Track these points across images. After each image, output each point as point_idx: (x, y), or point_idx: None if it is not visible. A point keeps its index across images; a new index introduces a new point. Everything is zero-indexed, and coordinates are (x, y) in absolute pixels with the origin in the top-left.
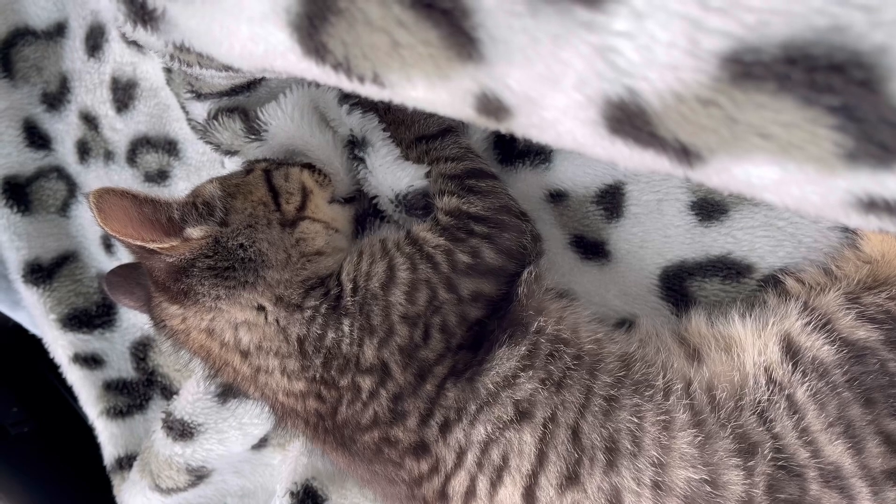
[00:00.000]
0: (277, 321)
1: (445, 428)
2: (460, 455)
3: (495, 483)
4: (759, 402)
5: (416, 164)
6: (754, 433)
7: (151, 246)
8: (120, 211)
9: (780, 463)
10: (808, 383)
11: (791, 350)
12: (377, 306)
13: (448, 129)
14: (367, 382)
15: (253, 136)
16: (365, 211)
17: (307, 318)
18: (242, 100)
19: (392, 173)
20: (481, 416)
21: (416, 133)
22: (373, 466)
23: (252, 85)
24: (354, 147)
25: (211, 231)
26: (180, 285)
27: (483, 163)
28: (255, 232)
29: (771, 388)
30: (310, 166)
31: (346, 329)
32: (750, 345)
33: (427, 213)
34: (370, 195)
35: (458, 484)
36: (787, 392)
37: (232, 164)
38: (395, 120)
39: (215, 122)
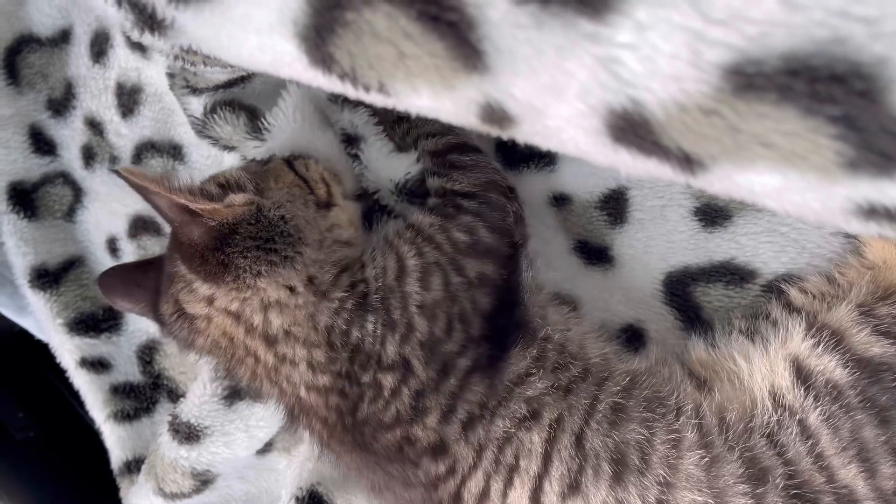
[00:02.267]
0: (307, 305)
1: (469, 425)
2: (479, 453)
3: (507, 485)
4: (769, 425)
5: (407, 152)
6: (764, 457)
7: (195, 206)
8: (153, 181)
9: (793, 491)
10: (821, 407)
11: (802, 374)
12: (395, 299)
13: None
14: (388, 380)
15: (255, 135)
16: (370, 208)
17: (335, 309)
18: (237, 91)
19: (388, 164)
20: (500, 411)
21: (397, 112)
22: (391, 468)
23: (247, 77)
24: (349, 144)
25: (253, 199)
26: (220, 256)
27: (467, 136)
28: (294, 207)
29: (780, 413)
30: None
31: (370, 327)
32: (756, 370)
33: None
34: (371, 190)
35: (475, 486)
36: (798, 417)
37: (231, 159)
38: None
39: (215, 117)
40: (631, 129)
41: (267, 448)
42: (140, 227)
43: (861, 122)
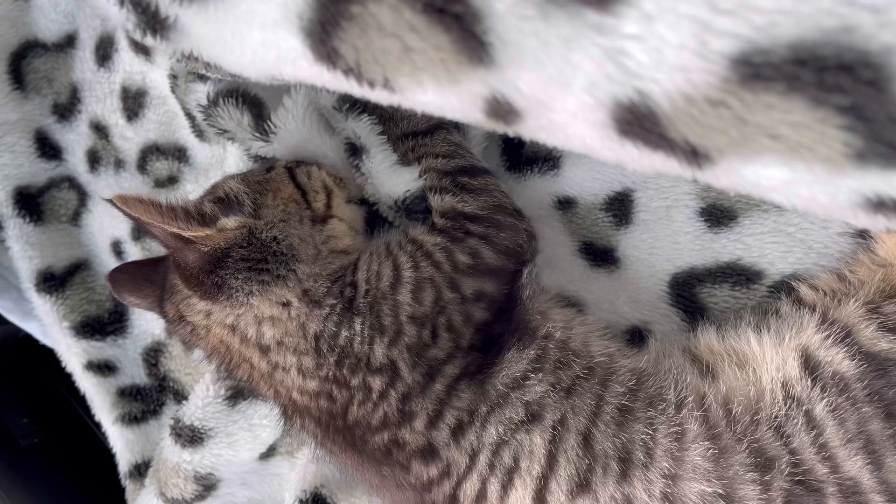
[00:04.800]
0: (299, 317)
1: (458, 431)
2: (473, 457)
3: (506, 486)
4: (776, 416)
5: (409, 166)
6: (771, 448)
7: (187, 234)
8: (146, 208)
9: (797, 478)
10: (827, 398)
11: (810, 365)
12: (386, 306)
13: (438, 126)
14: (377, 382)
15: (258, 135)
16: (373, 214)
17: (324, 316)
18: (241, 81)
19: (389, 180)
20: (492, 418)
21: (405, 129)
22: (382, 469)
23: None
24: (352, 154)
25: (245, 222)
26: (214, 278)
27: (475, 159)
28: (288, 226)
29: (788, 404)
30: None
31: (358, 328)
32: (768, 360)
33: (428, 214)
34: (371, 201)
35: (470, 488)
36: (805, 407)
37: (233, 160)
38: (383, 115)
39: (218, 109)
40: (637, 121)
41: (270, 452)
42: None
43: (869, 113)
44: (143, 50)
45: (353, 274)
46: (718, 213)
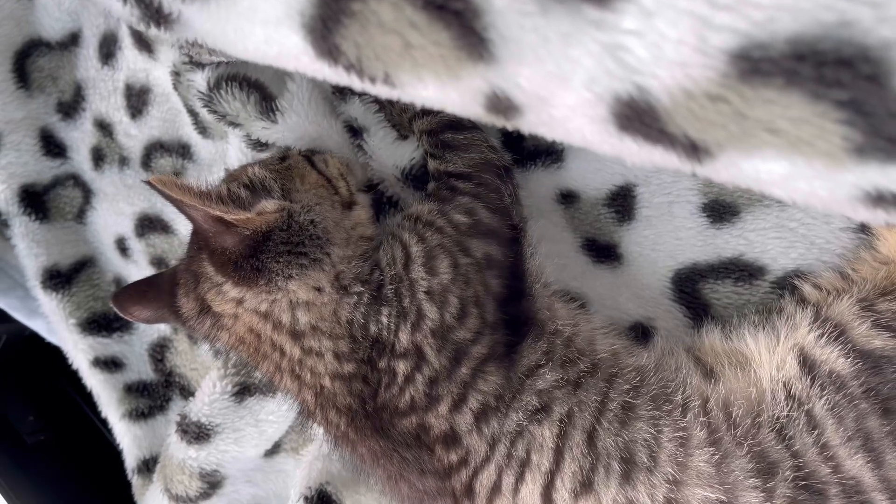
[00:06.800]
0: (332, 302)
1: (482, 416)
2: (492, 446)
3: (518, 479)
4: (778, 418)
5: (409, 139)
6: (773, 451)
7: (230, 217)
8: (185, 190)
9: (801, 483)
10: (826, 397)
11: (808, 364)
12: (404, 287)
13: None
14: (401, 367)
15: (266, 116)
16: (378, 199)
17: (354, 304)
18: (241, 65)
19: (393, 152)
20: (514, 405)
21: None
22: (407, 453)
23: None
24: (352, 135)
25: (284, 205)
26: (254, 262)
27: None
28: (322, 210)
29: (790, 404)
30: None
31: (385, 320)
32: (766, 360)
33: None
34: (376, 181)
35: (486, 478)
36: (805, 407)
37: (235, 152)
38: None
39: (221, 92)
40: (637, 116)
41: (275, 449)
42: (147, 225)
43: (868, 107)
44: (146, 47)
45: (377, 262)
46: (720, 209)
